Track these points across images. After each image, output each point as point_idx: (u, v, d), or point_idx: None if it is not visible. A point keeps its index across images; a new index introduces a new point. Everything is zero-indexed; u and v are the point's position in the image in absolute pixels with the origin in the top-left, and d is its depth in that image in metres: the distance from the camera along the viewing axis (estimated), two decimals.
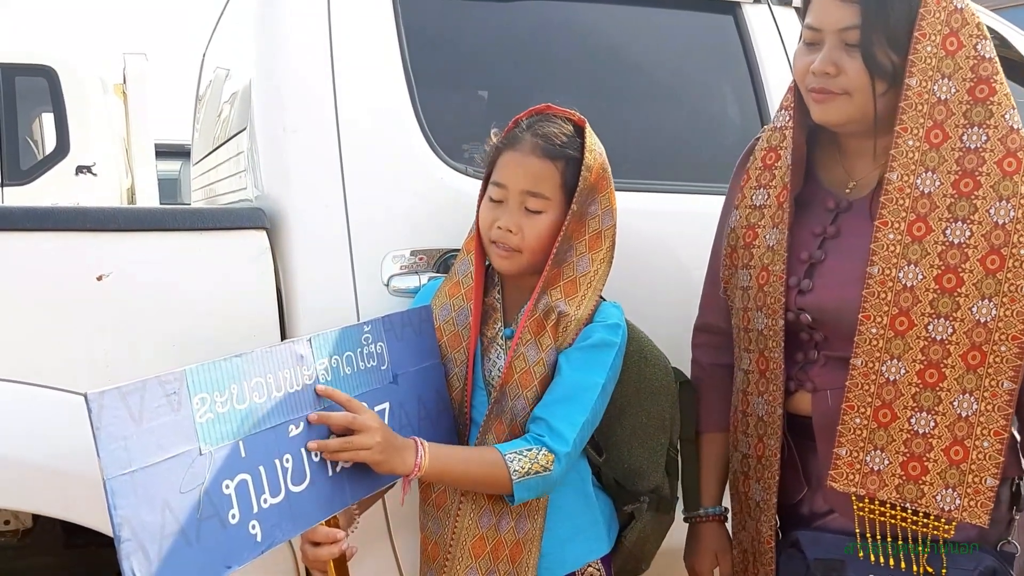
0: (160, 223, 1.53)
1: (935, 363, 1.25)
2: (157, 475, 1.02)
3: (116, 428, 0.99)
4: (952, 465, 1.25)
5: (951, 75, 1.26)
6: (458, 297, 1.47)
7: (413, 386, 1.38)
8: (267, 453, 1.14)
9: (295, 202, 1.60)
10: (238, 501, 1.09)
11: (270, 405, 1.15)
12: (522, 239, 1.41)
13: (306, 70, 1.63)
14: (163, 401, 1.04)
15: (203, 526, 1.05)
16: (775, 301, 1.38)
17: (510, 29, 1.90)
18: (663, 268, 1.79)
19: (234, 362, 1.12)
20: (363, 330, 1.32)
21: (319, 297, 1.58)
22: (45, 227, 1.46)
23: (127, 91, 5.66)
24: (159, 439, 1.03)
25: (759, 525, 1.44)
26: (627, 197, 1.77)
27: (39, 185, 5.11)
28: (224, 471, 1.08)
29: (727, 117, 2.07)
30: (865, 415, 1.28)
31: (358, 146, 1.63)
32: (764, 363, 1.41)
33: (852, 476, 1.29)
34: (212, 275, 1.54)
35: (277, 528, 1.14)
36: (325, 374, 1.23)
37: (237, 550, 1.09)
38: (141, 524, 0.99)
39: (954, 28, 1.26)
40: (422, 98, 1.69)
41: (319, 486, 1.20)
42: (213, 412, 1.08)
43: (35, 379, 1.41)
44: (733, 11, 2.03)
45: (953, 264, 1.24)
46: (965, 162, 1.26)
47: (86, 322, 1.45)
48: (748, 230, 1.45)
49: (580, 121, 1.46)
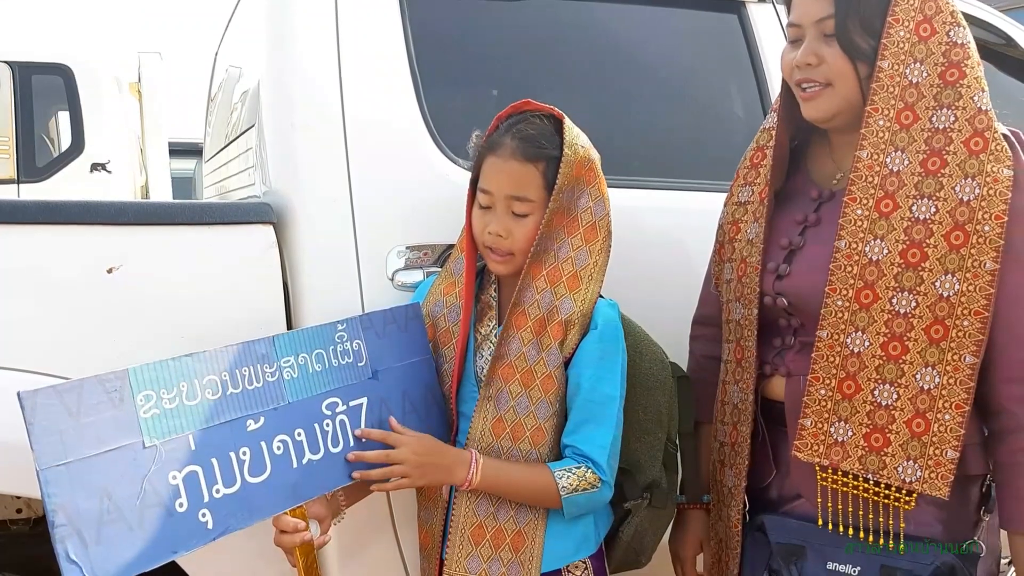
0: (169, 217, 1.55)
1: (898, 336, 1.27)
2: (95, 466, 1.09)
3: (50, 423, 1.07)
4: (914, 437, 1.26)
5: (923, 60, 1.29)
6: (451, 295, 1.50)
7: (397, 381, 1.42)
8: (221, 446, 1.21)
9: (302, 197, 1.62)
10: (186, 491, 1.17)
11: (225, 401, 1.22)
12: (513, 242, 1.44)
13: (314, 67, 1.65)
14: (103, 398, 1.12)
15: (146, 513, 1.12)
16: (751, 291, 1.41)
17: (515, 27, 1.91)
18: (668, 263, 1.81)
19: (183, 361, 1.19)
20: (336, 329, 1.37)
21: (325, 291, 1.60)
22: (57, 220, 1.48)
23: (142, 90, 5.70)
24: (99, 433, 1.10)
25: (728, 510, 1.46)
26: (632, 194, 1.79)
27: (54, 182, 5.16)
28: (171, 463, 1.16)
29: (731, 115, 2.08)
30: (830, 387, 1.30)
31: (364, 142, 1.65)
32: (740, 352, 1.44)
33: (816, 447, 1.31)
34: (220, 269, 1.57)
35: (232, 517, 1.21)
36: (291, 371, 1.30)
37: (185, 537, 1.16)
38: (76, 511, 1.07)
39: (927, 15, 1.29)
40: (428, 95, 1.71)
41: (280, 478, 1.26)
42: (159, 408, 1.16)
43: (44, 369, 1.44)
44: (738, 10, 2.04)
45: (918, 239, 1.26)
46: (933, 142, 1.28)
47: (96, 314, 1.48)
48: (732, 225, 1.49)
49: (559, 116, 1.46)
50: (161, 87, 5.62)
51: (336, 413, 1.34)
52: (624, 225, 1.52)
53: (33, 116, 5.25)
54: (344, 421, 1.35)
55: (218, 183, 2.70)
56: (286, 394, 1.29)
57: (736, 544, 1.45)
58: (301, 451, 1.30)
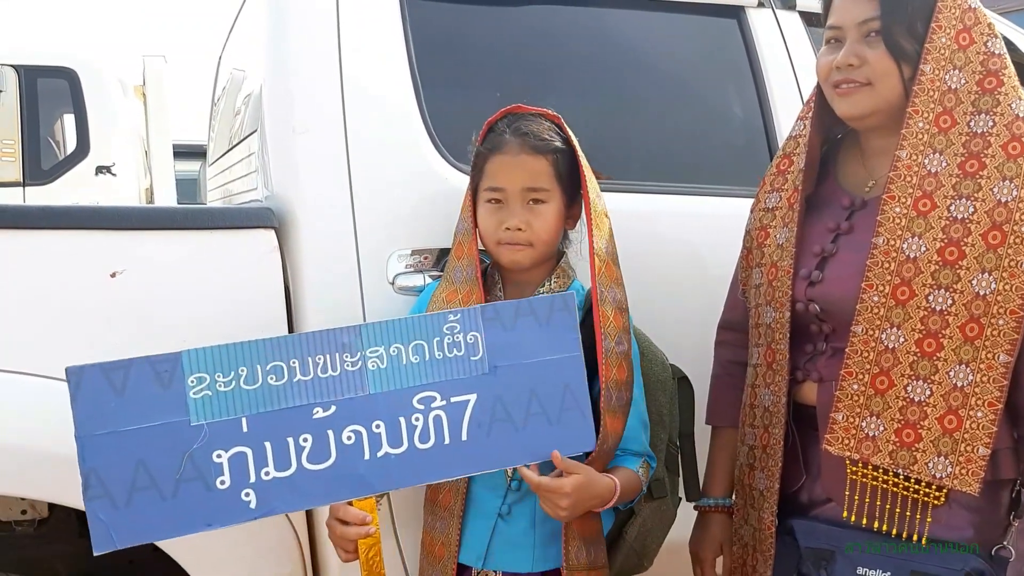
0: (171, 222, 1.57)
1: (933, 333, 1.28)
2: (134, 438, 1.16)
3: (93, 397, 1.14)
4: (945, 433, 1.28)
5: (962, 67, 1.32)
6: (455, 302, 1.48)
7: (524, 379, 1.33)
8: (278, 431, 1.23)
9: (303, 202, 1.63)
10: (231, 470, 1.21)
11: (291, 388, 1.24)
12: (532, 233, 1.46)
13: (314, 72, 1.66)
14: (152, 378, 1.18)
15: (183, 487, 1.18)
16: (783, 294, 1.42)
17: (515, 31, 1.93)
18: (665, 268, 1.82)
19: (246, 346, 1.22)
20: (446, 319, 1.30)
21: (326, 295, 1.62)
22: (61, 225, 1.50)
23: (146, 93, 5.73)
24: (143, 409, 1.17)
25: (761, 513, 1.46)
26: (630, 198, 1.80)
27: (59, 185, 5.18)
28: (218, 442, 1.20)
29: (731, 120, 2.09)
30: (863, 381, 1.31)
31: (365, 146, 1.66)
32: (771, 355, 1.45)
33: (847, 440, 1.32)
34: (222, 273, 1.58)
35: (278, 500, 1.23)
36: (377, 362, 1.27)
37: (222, 512, 1.21)
38: (109, 476, 1.15)
39: (967, 25, 1.33)
40: (428, 99, 1.72)
41: (346, 469, 1.26)
42: (212, 390, 1.20)
43: (49, 372, 1.45)
44: (737, 15, 2.05)
45: (956, 237, 1.28)
46: (971, 145, 1.31)
47: (99, 317, 1.49)
48: (760, 231, 1.50)
49: (554, 117, 1.50)
50: (165, 90, 5.64)
51: (431, 408, 1.29)
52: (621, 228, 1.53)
53: (39, 119, 5.28)
54: (440, 417, 1.29)
55: (222, 186, 2.72)
56: (367, 384, 1.27)
57: (769, 547, 1.45)
58: (377, 444, 1.27)
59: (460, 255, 1.51)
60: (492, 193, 1.48)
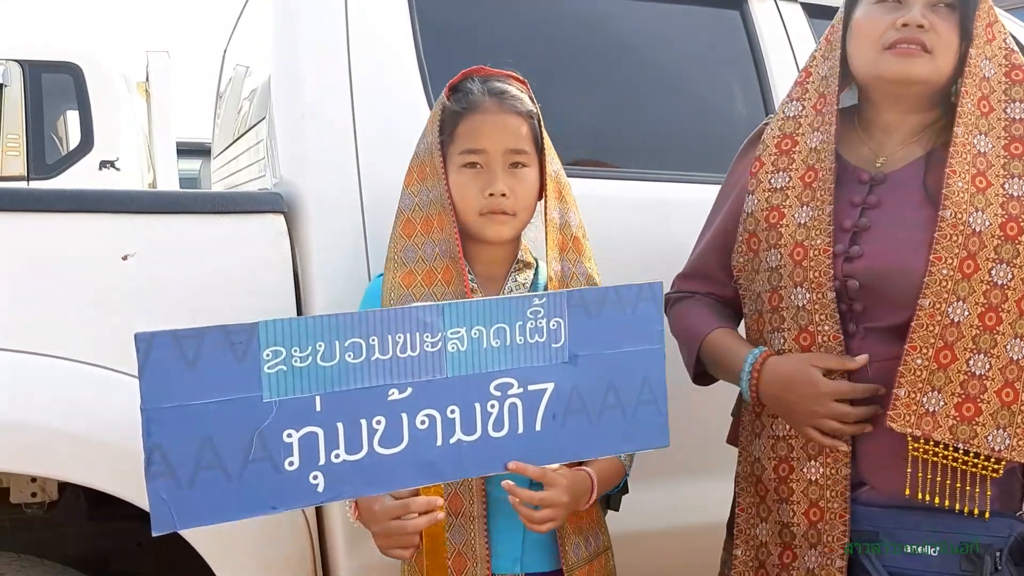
0: (181, 206, 1.59)
1: (994, 307, 1.31)
2: (203, 413, 1.07)
3: (163, 366, 1.05)
4: (1004, 407, 1.30)
5: (991, 58, 1.39)
6: (416, 285, 1.39)
7: (603, 370, 1.27)
8: (352, 412, 1.15)
9: (312, 187, 1.65)
10: (300, 451, 1.12)
11: (368, 367, 1.15)
12: (516, 200, 1.38)
13: (323, 58, 1.68)
14: (226, 349, 1.08)
15: (250, 467, 1.09)
16: (820, 273, 1.38)
17: (522, 20, 1.95)
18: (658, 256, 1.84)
19: (325, 320, 1.13)
20: (531, 303, 1.23)
21: (334, 279, 1.63)
22: (75, 208, 1.52)
23: (150, 88, 5.75)
24: (214, 382, 1.07)
25: (829, 504, 1.40)
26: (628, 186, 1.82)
27: (63, 179, 5.20)
28: (289, 421, 1.11)
29: (732, 109, 2.11)
30: (927, 356, 1.32)
31: (373, 132, 1.68)
32: (808, 338, 1.40)
33: (909, 417, 1.32)
34: (231, 257, 1.60)
35: (346, 484, 1.15)
36: (457, 344, 1.20)
37: (289, 495, 1.12)
38: (174, 453, 1.06)
39: (991, 21, 1.39)
40: (435, 86, 1.74)
41: (417, 455, 1.19)
42: (287, 366, 1.11)
43: (61, 353, 1.48)
44: (739, 6, 2.07)
45: (1015, 214, 1.32)
46: (1012, 129, 1.37)
47: (111, 299, 1.52)
48: (771, 211, 1.46)
49: (521, 81, 1.45)
50: (169, 85, 5.67)
51: (507, 395, 1.22)
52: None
53: (43, 114, 5.29)
54: (516, 405, 1.23)
55: (226, 178, 2.74)
56: (445, 367, 1.19)
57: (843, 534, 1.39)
58: (451, 429, 1.20)
59: (428, 230, 1.40)
60: (470, 156, 1.38)
